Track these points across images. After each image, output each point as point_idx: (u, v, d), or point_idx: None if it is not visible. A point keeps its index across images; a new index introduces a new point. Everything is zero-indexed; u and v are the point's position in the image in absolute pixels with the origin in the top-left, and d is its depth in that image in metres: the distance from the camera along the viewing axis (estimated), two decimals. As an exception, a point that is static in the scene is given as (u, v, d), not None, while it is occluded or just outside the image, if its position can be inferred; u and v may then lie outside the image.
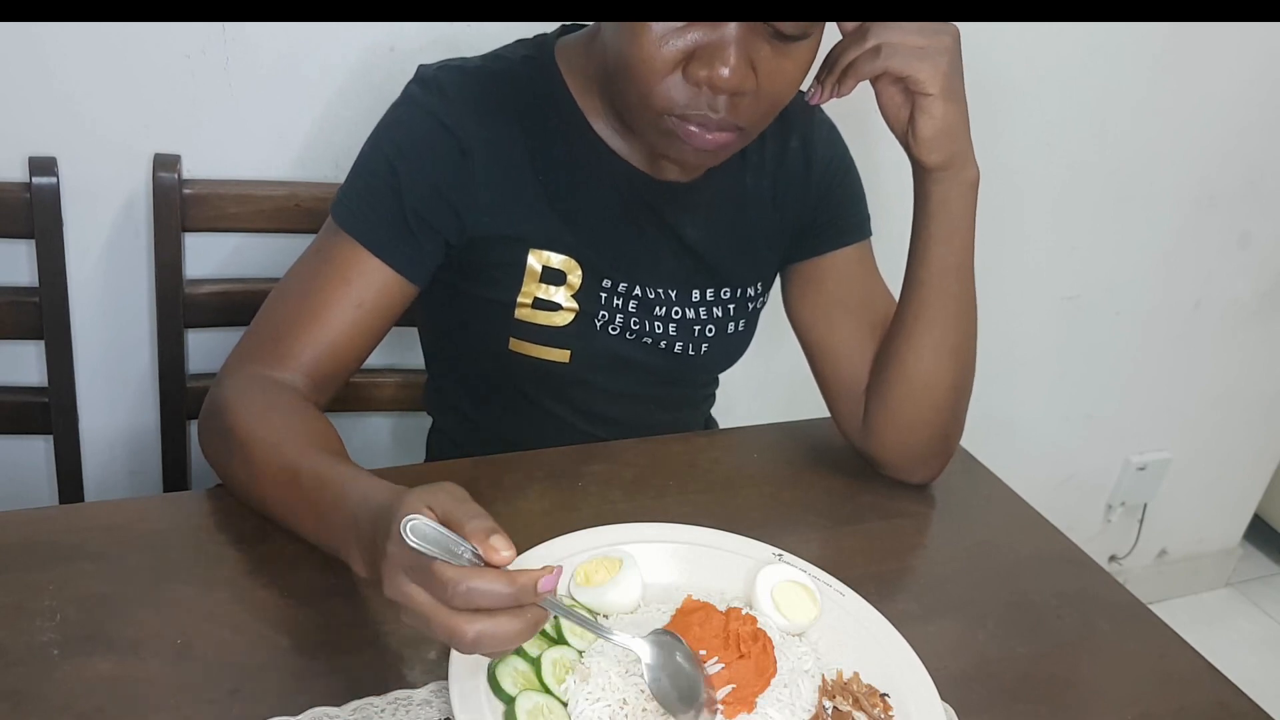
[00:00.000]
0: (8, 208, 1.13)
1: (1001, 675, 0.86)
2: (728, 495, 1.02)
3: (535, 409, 1.07)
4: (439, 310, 1.05)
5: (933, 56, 0.89)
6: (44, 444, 1.30)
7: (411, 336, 1.20)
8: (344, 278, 0.93)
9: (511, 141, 0.96)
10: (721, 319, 1.06)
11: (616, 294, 1.01)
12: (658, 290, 1.02)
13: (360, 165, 0.97)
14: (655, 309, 1.03)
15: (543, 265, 0.98)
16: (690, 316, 1.04)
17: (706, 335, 1.06)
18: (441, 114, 0.94)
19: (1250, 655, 2.26)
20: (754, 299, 1.09)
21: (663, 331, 1.04)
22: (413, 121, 0.95)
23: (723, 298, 1.06)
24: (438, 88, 0.95)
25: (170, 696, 0.71)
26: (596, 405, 1.08)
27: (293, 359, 0.92)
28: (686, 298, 1.04)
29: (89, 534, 0.84)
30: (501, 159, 0.95)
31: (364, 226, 0.93)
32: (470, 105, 0.94)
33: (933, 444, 1.04)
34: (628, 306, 1.01)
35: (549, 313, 0.99)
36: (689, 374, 1.10)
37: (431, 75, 0.96)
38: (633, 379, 1.06)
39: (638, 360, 1.04)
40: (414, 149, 0.94)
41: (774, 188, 1.06)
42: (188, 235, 1.20)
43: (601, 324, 1.01)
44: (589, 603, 0.81)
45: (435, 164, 0.94)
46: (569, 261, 0.98)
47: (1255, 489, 2.41)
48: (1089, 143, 1.73)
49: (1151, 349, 2.05)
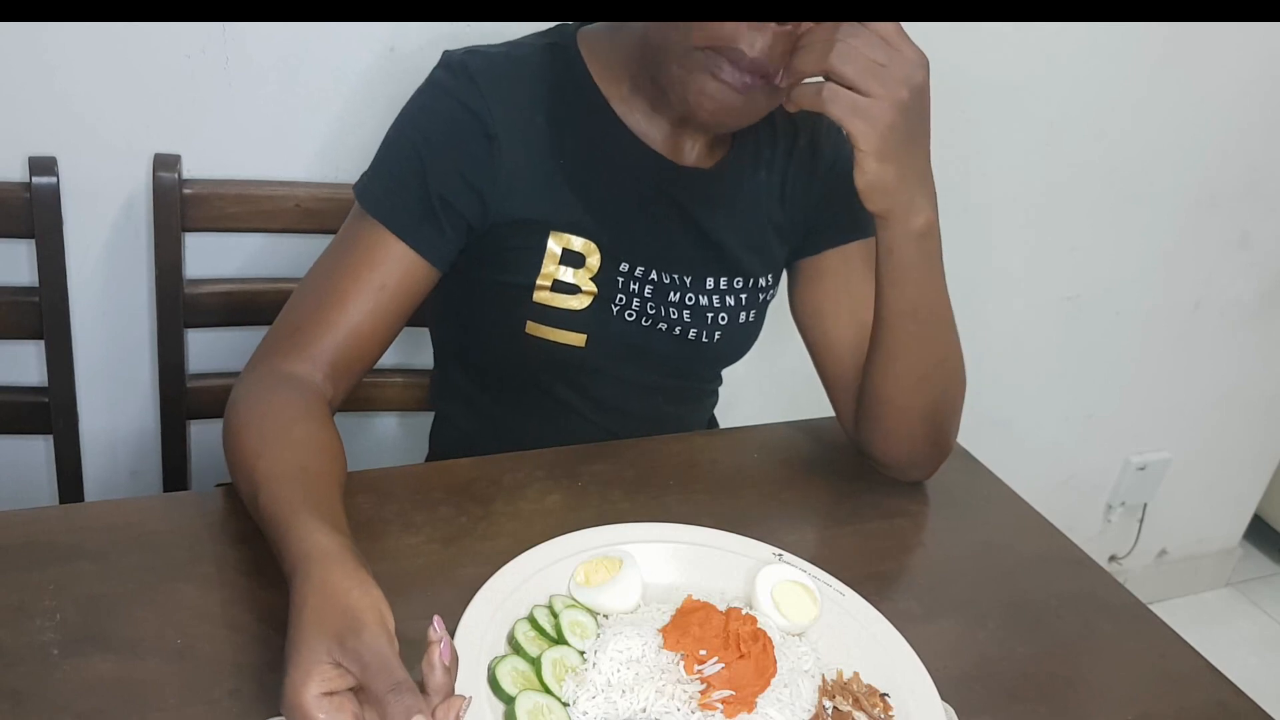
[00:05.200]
0: (8, 208, 1.13)
1: (1001, 675, 0.86)
2: (728, 495, 1.02)
3: (546, 397, 1.07)
4: (456, 297, 1.05)
5: (873, 113, 0.82)
6: (44, 444, 1.30)
7: (419, 336, 1.20)
8: (368, 261, 0.94)
9: (535, 125, 0.97)
10: (734, 308, 1.07)
11: (633, 278, 1.01)
12: (673, 275, 1.03)
13: (386, 150, 0.98)
14: (670, 294, 1.03)
15: (563, 248, 0.99)
16: (704, 304, 1.05)
17: (719, 323, 1.07)
18: (468, 99, 0.94)
19: (1250, 655, 2.25)
20: (764, 290, 1.10)
21: (677, 317, 1.04)
22: (438, 106, 0.96)
23: (735, 286, 1.07)
24: (464, 73, 0.95)
25: (170, 696, 0.71)
26: (607, 394, 1.08)
27: (312, 348, 0.92)
28: (701, 284, 1.05)
29: (89, 534, 0.84)
30: (526, 143, 0.96)
31: (389, 210, 0.94)
32: (495, 90, 0.95)
33: (921, 451, 1.05)
34: (644, 291, 1.02)
35: (567, 295, 1.00)
36: (699, 363, 1.11)
37: (458, 60, 0.96)
38: (645, 367, 1.07)
39: (651, 346, 1.05)
40: (440, 134, 0.95)
41: (782, 185, 1.08)
42: (188, 235, 1.20)
43: (618, 308, 1.02)
44: (589, 602, 0.81)
45: (461, 148, 0.95)
46: (588, 244, 0.99)
47: (1255, 489, 2.41)
48: (1089, 143, 1.73)
49: (1151, 349, 2.05)
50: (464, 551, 0.88)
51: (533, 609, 0.80)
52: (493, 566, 0.82)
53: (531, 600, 0.81)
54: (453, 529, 0.91)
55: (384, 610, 0.66)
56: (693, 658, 0.76)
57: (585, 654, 0.77)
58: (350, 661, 0.63)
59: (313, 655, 0.63)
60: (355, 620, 0.64)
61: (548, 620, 0.79)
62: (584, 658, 0.77)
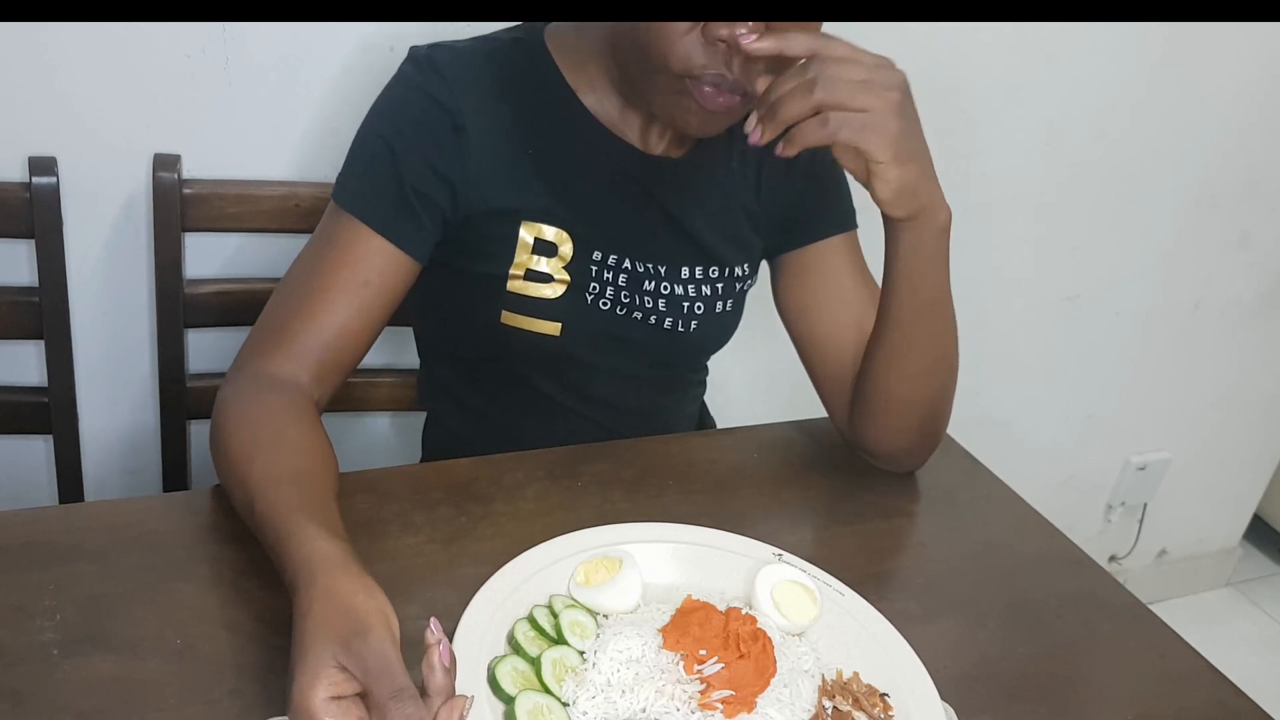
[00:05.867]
0: (8, 208, 1.13)
1: (1001, 675, 0.86)
2: (728, 495, 1.02)
3: (527, 388, 1.07)
4: (433, 290, 1.05)
5: (880, 123, 0.83)
6: (44, 444, 1.30)
7: (408, 336, 1.20)
8: (348, 259, 0.94)
9: (503, 117, 0.97)
10: (710, 297, 1.07)
11: (607, 267, 1.02)
12: (647, 265, 1.03)
13: (358, 147, 0.98)
14: (645, 283, 1.03)
15: (534, 237, 0.99)
16: (679, 293, 1.05)
17: (695, 313, 1.06)
18: (436, 91, 0.95)
19: (1250, 655, 2.25)
20: (741, 279, 1.10)
21: (652, 306, 1.04)
22: (407, 99, 0.96)
23: (711, 276, 1.07)
24: (431, 66, 0.96)
25: (170, 696, 0.71)
26: (587, 384, 1.08)
27: (297, 349, 0.92)
28: (676, 274, 1.05)
29: (89, 534, 0.84)
30: (494, 134, 0.97)
31: (366, 206, 0.94)
32: (463, 82, 0.96)
33: (916, 443, 1.06)
34: (618, 280, 1.02)
35: (540, 284, 1.00)
36: (679, 354, 1.11)
37: (424, 54, 0.97)
38: (624, 357, 1.07)
39: (628, 336, 1.05)
40: (410, 126, 0.95)
41: (758, 174, 1.08)
42: (188, 235, 1.20)
43: (593, 297, 1.02)
44: (589, 602, 0.81)
45: (431, 140, 0.95)
46: (560, 234, 0.99)
47: (1255, 489, 2.41)
48: (1089, 143, 1.73)
49: (1151, 349, 2.05)
50: (464, 551, 0.88)
51: (532, 609, 0.80)
52: (493, 566, 0.82)
53: (531, 600, 0.81)
54: (452, 529, 0.91)
55: (389, 615, 0.66)
56: (692, 658, 0.76)
57: (585, 654, 0.77)
58: (354, 665, 0.63)
59: (319, 659, 0.63)
60: (361, 624, 0.65)
61: (548, 620, 0.79)
62: (584, 658, 0.77)
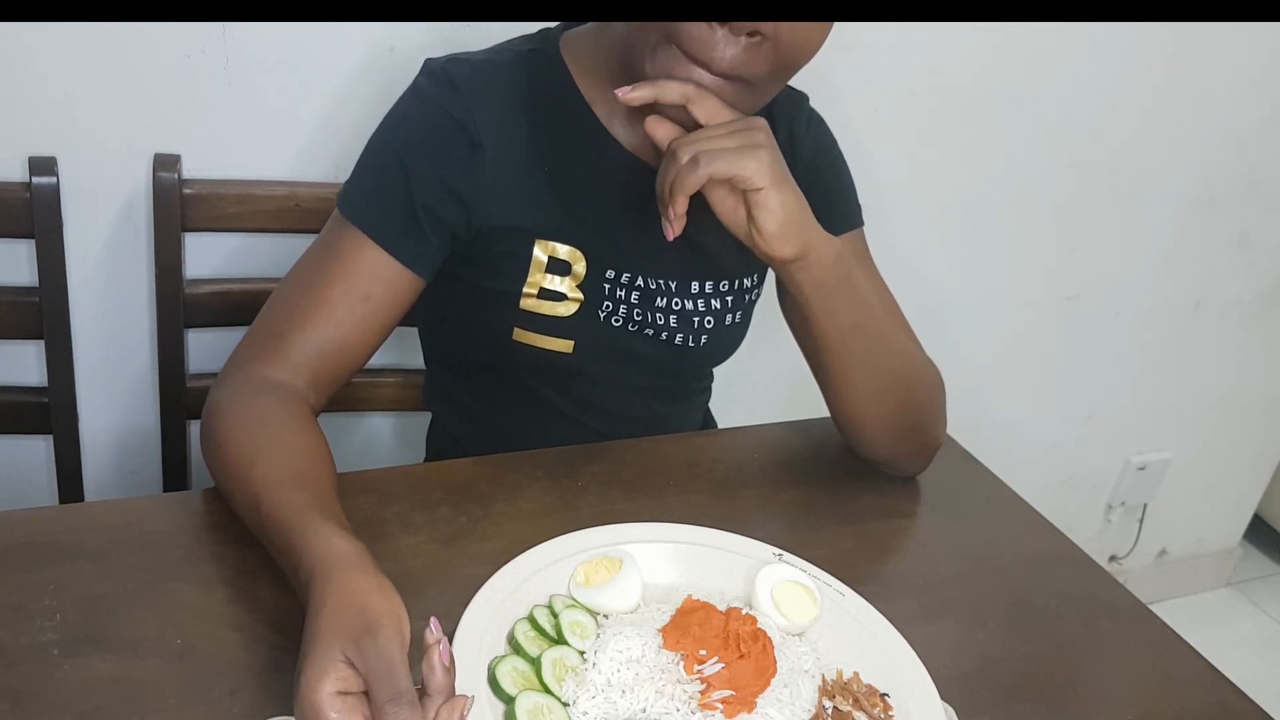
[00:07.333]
0: (8, 208, 1.13)
1: (1001, 675, 0.86)
2: (728, 495, 1.02)
3: (535, 400, 1.07)
4: (442, 302, 1.04)
5: (751, 152, 0.85)
6: (44, 444, 1.30)
7: (412, 336, 1.20)
8: (351, 272, 0.92)
9: (519, 133, 0.96)
10: (720, 310, 1.07)
11: (620, 285, 1.01)
12: (659, 281, 1.03)
13: (368, 158, 0.97)
14: (657, 299, 1.03)
15: (548, 256, 0.98)
16: (690, 308, 1.05)
17: (705, 327, 1.06)
18: (451, 107, 0.94)
19: (1250, 655, 2.25)
20: (750, 290, 1.10)
21: (664, 323, 1.04)
22: (422, 115, 0.95)
23: (721, 290, 1.06)
24: (447, 81, 0.94)
25: (170, 696, 0.71)
26: (596, 397, 1.08)
27: (294, 356, 0.91)
28: (686, 289, 1.04)
29: (89, 534, 0.84)
30: (510, 151, 0.95)
31: (372, 220, 0.93)
32: (479, 98, 0.94)
33: (905, 451, 1.06)
34: (630, 298, 1.02)
35: (554, 303, 0.99)
36: (688, 366, 1.11)
37: (440, 68, 0.96)
38: (633, 370, 1.06)
39: (639, 351, 1.04)
40: (424, 143, 0.94)
41: None
42: (188, 235, 1.20)
43: (605, 315, 1.01)
44: (589, 602, 0.81)
45: (445, 158, 0.94)
46: (574, 252, 0.99)
47: (1255, 489, 2.41)
48: (1089, 143, 1.73)
49: (1151, 349, 2.05)
50: (464, 551, 0.88)
51: (533, 609, 0.80)
52: (493, 566, 0.82)
53: (531, 600, 0.81)
54: (452, 529, 0.91)
55: (402, 617, 0.66)
56: (693, 658, 0.76)
57: (585, 654, 0.77)
58: (360, 663, 0.63)
59: (328, 654, 0.64)
60: (372, 623, 0.65)
61: (548, 620, 0.79)
62: (584, 658, 0.77)
